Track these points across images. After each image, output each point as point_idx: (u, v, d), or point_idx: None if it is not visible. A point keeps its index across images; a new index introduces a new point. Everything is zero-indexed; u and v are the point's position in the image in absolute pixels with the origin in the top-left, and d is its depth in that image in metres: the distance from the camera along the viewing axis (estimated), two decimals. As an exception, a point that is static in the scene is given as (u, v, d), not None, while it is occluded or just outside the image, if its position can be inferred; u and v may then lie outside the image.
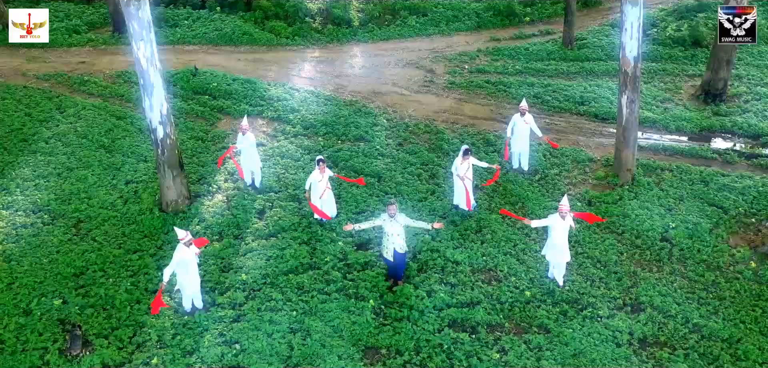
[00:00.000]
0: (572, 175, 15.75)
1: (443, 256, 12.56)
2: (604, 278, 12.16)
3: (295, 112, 18.90)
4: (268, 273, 12.12)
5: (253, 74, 21.65)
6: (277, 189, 15.00)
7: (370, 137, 17.47)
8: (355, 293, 11.64)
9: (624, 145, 15.00)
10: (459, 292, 11.65)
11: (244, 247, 12.96)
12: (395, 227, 11.37)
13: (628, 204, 14.35)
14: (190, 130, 17.97)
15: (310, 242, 13.10)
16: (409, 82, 21.48)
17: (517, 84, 20.78)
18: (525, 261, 12.57)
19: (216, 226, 13.65)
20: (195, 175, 15.71)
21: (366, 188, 14.96)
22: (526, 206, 14.40)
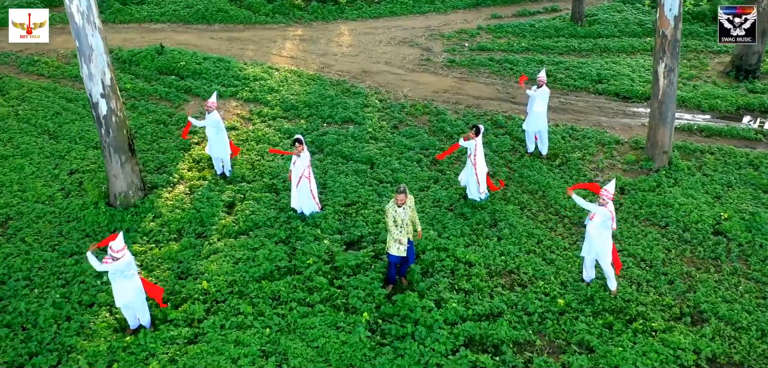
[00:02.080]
0: (598, 159, 13.46)
1: (453, 256, 10.20)
2: (652, 281, 9.87)
3: (273, 93, 16.48)
4: (236, 279, 9.69)
5: (227, 54, 19.19)
6: (251, 179, 12.58)
7: (360, 119, 15.11)
8: (345, 304, 9.25)
9: (660, 122, 12.73)
10: (475, 301, 9.29)
11: (208, 248, 10.52)
12: (408, 215, 9.03)
13: (668, 191, 12.08)
14: (151, 113, 15.50)
15: (289, 240, 10.70)
16: (403, 61, 19.13)
17: (525, 61, 18.54)
18: (553, 261, 10.25)
19: (174, 223, 11.20)
20: (153, 163, 13.24)
21: (358, 177, 12.59)
22: (547, 195, 12.08)
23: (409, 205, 9.02)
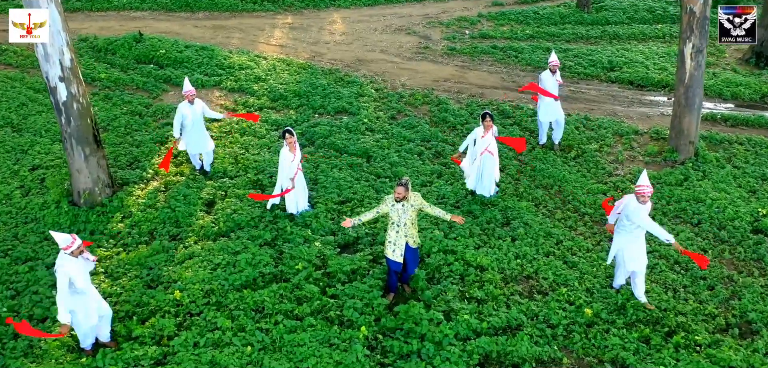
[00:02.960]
0: (616, 150, 12.26)
1: (462, 259, 8.95)
2: (690, 286, 8.66)
3: (260, 82, 15.19)
4: (214, 288, 8.39)
5: (211, 42, 17.87)
6: (234, 174, 11.29)
7: (355, 109, 13.84)
8: (339, 317, 7.97)
9: (686, 109, 11.54)
10: (490, 312, 8.03)
11: (182, 252, 9.22)
12: (408, 215, 7.77)
13: (697, 185, 10.89)
14: (126, 104, 14.17)
15: (276, 243, 9.42)
16: (400, 49, 17.89)
17: (531, 49, 17.34)
18: (575, 265, 9.02)
19: (145, 224, 9.90)
20: (126, 158, 11.93)
21: (353, 171, 11.33)
22: (564, 190, 10.87)
23: (412, 204, 7.74)
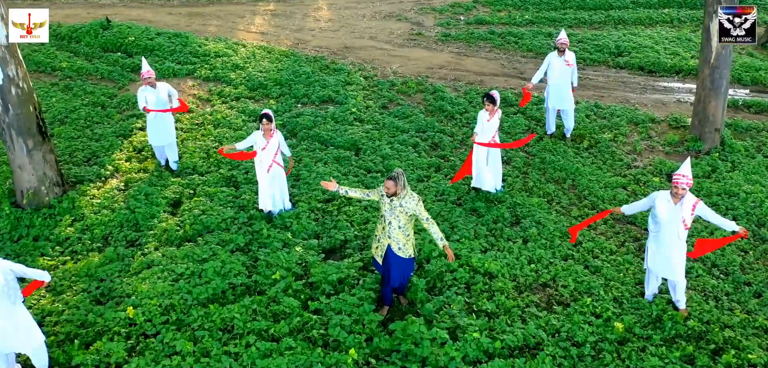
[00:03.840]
0: (633, 140, 11.05)
1: (467, 265, 7.67)
2: (733, 294, 7.44)
3: (238, 70, 13.86)
4: (175, 303, 7.05)
5: (187, 30, 16.50)
6: (205, 170, 9.96)
7: (341, 98, 12.54)
8: (324, 336, 6.66)
9: (712, 92, 10.35)
10: (503, 328, 6.75)
11: (140, 260, 7.87)
12: (395, 215, 6.49)
13: (728, 177, 9.71)
14: (88, 94, 12.80)
15: (250, 248, 8.10)
16: (391, 35, 16.61)
17: (532, 34, 16.14)
18: (599, 270, 7.77)
19: (99, 227, 8.53)
20: (83, 153, 10.56)
21: (340, 166, 10.04)
22: (579, 184, 9.64)
23: (402, 205, 6.42)
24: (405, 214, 6.45)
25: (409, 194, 6.46)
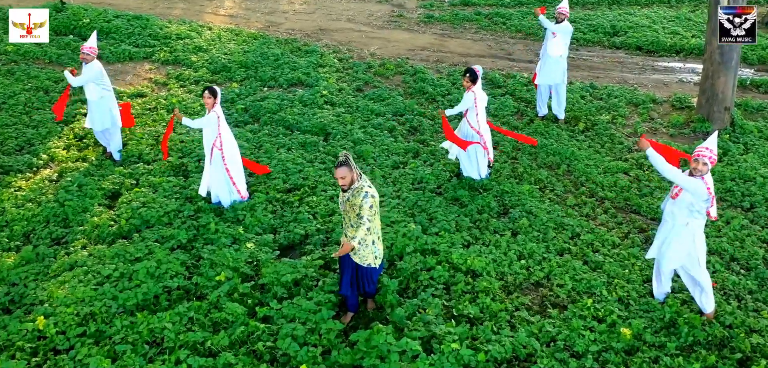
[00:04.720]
0: (633, 121, 9.99)
1: (446, 261, 6.54)
2: (757, 292, 6.36)
3: (201, 53, 12.68)
4: (96, 311, 5.87)
5: (150, 13, 15.29)
6: (151, 158, 8.77)
7: (312, 81, 11.39)
8: (271, 350, 5.49)
9: (721, 67, 9.31)
10: (488, 336, 5.62)
11: (62, 260, 6.68)
12: (347, 212, 5.38)
13: (741, 161, 8.65)
14: (31, 79, 11.59)
15: (194, 245, 6.93)
16: (370, 18, 15.50)
17: (520, 14, 15.05)
18: (600, 265, 6.67)
19: (21, 223, 7.34)
20: (15, 141, 9.35)
21: (305, 152, 8.91)
22: (575, 170, 8.54)
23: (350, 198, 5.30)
24: (352, 209, 5.31)
25: (367, 186, 5.30)
